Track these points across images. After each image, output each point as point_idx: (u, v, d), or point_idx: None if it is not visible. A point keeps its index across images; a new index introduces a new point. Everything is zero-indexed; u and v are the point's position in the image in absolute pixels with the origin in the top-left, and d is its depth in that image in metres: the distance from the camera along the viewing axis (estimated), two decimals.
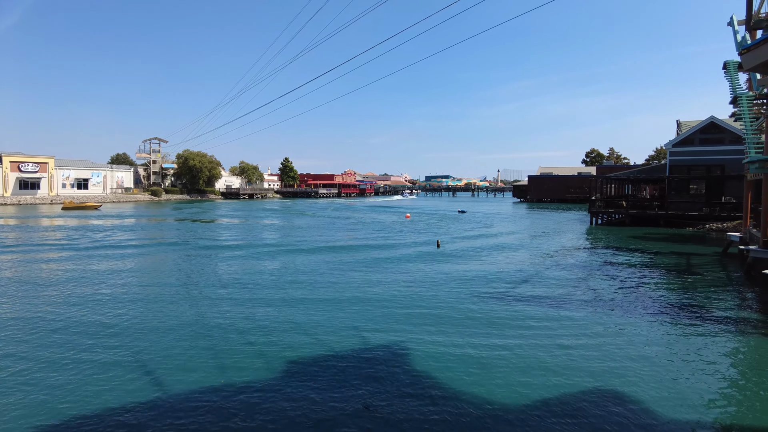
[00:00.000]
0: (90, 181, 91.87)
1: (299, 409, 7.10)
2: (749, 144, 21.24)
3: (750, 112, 21.64)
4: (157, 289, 15.29)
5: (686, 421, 6.77)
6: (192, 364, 8.88)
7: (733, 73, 22.79)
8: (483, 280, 16.92)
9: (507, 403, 7.27)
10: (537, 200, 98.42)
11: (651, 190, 61.64)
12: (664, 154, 67.51)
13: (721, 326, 11.44)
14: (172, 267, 19.61)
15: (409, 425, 6.63)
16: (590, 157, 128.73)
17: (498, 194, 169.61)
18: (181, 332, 10.77)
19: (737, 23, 20.45)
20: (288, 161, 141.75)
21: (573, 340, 10.27)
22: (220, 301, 13.75)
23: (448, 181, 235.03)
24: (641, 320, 11.86)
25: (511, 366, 8.76)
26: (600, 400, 7.39)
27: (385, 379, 8.19)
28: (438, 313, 12.44)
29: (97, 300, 13.75)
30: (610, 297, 14.40)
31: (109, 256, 22.19)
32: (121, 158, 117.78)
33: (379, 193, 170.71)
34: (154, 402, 7.31)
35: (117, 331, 10.80)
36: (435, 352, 9.52)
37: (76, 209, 62.23)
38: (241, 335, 10.56)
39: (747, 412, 7.18)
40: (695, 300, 14.25)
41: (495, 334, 10.68)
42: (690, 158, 42.38)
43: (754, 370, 8.99)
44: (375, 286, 15.74)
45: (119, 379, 8.13)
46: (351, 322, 11.65)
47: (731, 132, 40.10)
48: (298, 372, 8.49)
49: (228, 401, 7.33)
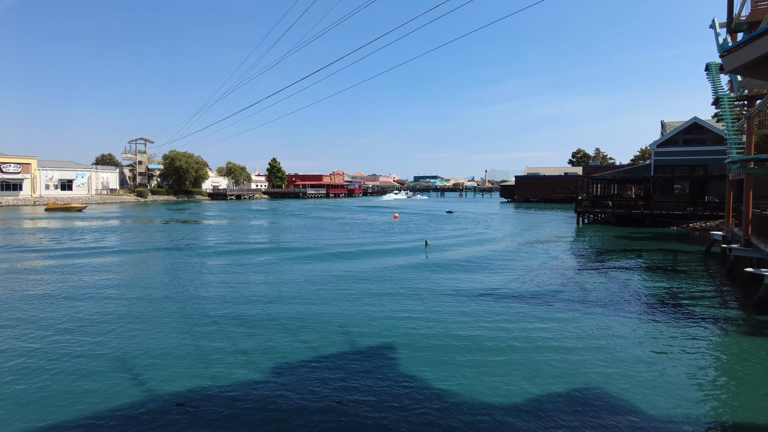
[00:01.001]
0: (74, 182, 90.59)
1: (282, 410, 7.07)
2: (731, 144, 21.62)
3: (731, 113, 22.03)
4: (138, 292, 15.12)
5: (669, 416, 6.87)
6: (176, 365, 8.79)
7: (715, 74, 23.19)
8: (470, 279, 16.99)
9: (494, 401, 7.31)
10: (524, 200, 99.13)
11: (636, 189, 62.40)
12: (649, 155, 68.43)
13: (704, 324, 11.62)
14: (153, 270, 19.40)
15: (387, 422, 6.64)
16: (577, 157, 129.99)
17: (486, 194, 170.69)
18: (163, 334, 10.66)
19: (719, 26, 20.82)
20: (276, 162, 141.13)
21: (559, 337, 10.35)
22: (204, 304, 13.64)
23: (436, 181, 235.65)
24: (627, 318, 12.01)
25: (498, 364, 8.81)
26: (585, 396, 7.46)
27: (367, 374, 8.19)
28: (424, 310, 12.47)
29: (77, 303, 13.56)
30: (597, 296, 14.56)
31: (91, 258, 21.90)
32: (107, 159, 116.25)
33: (368, 193, 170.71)
34: (137, 405, 7.23)
35: (99, 335, 10.65)
36: (419, 346, 9.54)
37: (60, 210, 61.38)
38: (225, 338, 10.49)
39: (728, 408, 7.31)
40: (679, 298, 14.46)
41: (482, 332, 10.72)
42: (674, 158, 43.01)
43: (736, 366, 9.15)
44: (360, 282, 15.72)
45: (102, 383, 8.02)
46: (338, 320, 11.63)
47: (713, 132, 40.79)
48: (283, 373, 8.45)
49: (211, 402, 7.27)
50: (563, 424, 6.68)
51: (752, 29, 17.92)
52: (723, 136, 33.01)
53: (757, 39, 4.98)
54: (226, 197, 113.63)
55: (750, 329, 11.39)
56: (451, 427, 6.61)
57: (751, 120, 20.73)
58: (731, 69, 5.62)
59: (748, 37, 5.13)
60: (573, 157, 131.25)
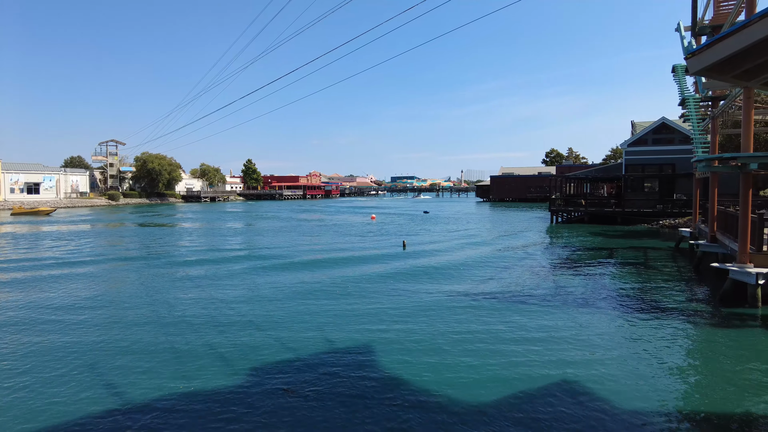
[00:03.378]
0: (42, 185, 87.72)
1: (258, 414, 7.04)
2: (697, 144, 22.33)
3: (697, 113, 22.74)
4: (106, 298, 14.82)
5: (639, 408, 7.08)
6: (150, 371, 8.65)
7: (681, 76, 23.90)
8: (446, 278, 17.14)
9: (469, 399, 7.41)
10: (499, 200, 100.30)
11: (608, 188, 63.85)
12: (620, 154, 70.07)
13: (674, 317, 12.00)
14: (120, 280, 19.02)
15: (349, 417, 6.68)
16: (550, 157, 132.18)
17: (462, 194, 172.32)
18: (137, 340, 10.48)
19: (684, 29, 21.49)
20: (251, 163, 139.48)
21: (531, 334, 10.55)
22: (177, 306, 13.45)
23: (413, 181, 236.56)
24: (599, 314, 12.31)
25: (469, 363, 8.92)
26: (556, 392, 7.62)
27: (339, 373, 8.21)
28: (399, 308, 12.54)
29: (45, 310, 13.21)
30: (569, 292, 14.87)
31: (56, 269, 21.31)
32: (76, 161, 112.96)
33: (345, 194, 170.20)
34: (112, 410, 7.10)
35: (72, 342, 10.41)
36: (396, 348, 9.61)
37: (27, 215, 59.54)
38: (199, 344, 10.37)
39: (696, 397, 7.57)
40: (650, 293, 14.89)
41: (456, 329, 10.84)
42: (644, 157, 44.16)
43: (703, 357, 9.50)
44: (342, 282, 15.71)
45: (74, 390, 7.85)
46: (313, 318, 11.60)
47: (681, 132, 42.03)
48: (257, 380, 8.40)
49: (187, 406, 7.19)
50: (534, 417, 6.82)
51: (714, 33, 18.58)
52: (689, 135, 34.07)
53: (719, 42, 5.20)
54: (200, 199, 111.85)
55: (717, 321, 11.82)
56: (423, 424, 6.69)
57: (715, 120, 21.46)
58: (696, 71, 5.84)
59: (710, 40, 5.35)
60: (547, 156, 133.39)
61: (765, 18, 4.59)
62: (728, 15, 17.91)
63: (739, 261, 13.45)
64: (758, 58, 5.22)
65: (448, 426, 6.61)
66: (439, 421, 6.76)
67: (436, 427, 6.59)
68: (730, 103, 19.64)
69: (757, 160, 13.22)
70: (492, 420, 6.77)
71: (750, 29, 4.80)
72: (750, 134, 13.16)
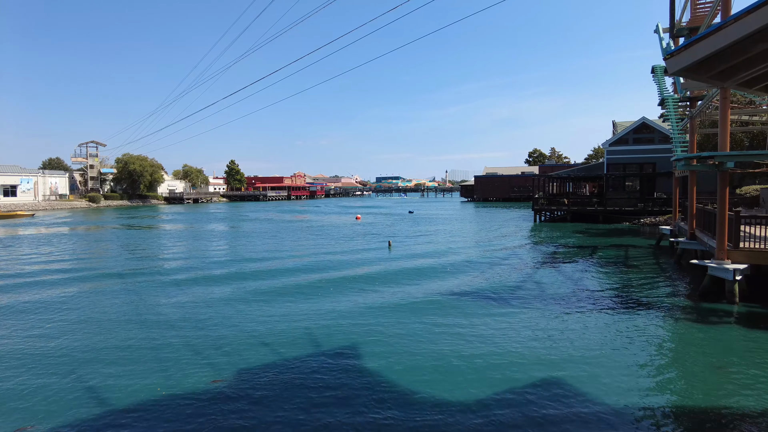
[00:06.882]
0: (19, 187, 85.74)
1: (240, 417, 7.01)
2: (676, 143, 22.78)
3: (676, 113, 23.19)
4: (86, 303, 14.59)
5: (620, 403, 7.21)
6: (130, 374, 8.55)
7: (660, 77, 24.35)
8: (430, 277, 17.22)
9: (451, 399, 7.47)
10: (483, 199, 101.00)
11: (590, 187, 64.69)
12: (601, 153, 71.11)
13: (655, 313, 12.23)
14: (98, 282, 18.74)
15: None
16: (533, 156, 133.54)
17: (446, 194, 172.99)
18: (115, 345, 10.34)
19: (662, 31, 21.89)
20: (234, 164, 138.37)
21: (517, 332, 10.66)
22: (158, 309, 13.30)
23: (398, 182, 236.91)
24: (582, 311, 12.48)
25: (454, 362, 9.00)
26: (541, 389, 7.72)
27: (326, 376, 8.22)
28: (383, 308, 12.58)
29: (20, 314, 12.96)
30: (553, 290, 15.05)
31: (33, 272, 20.92)
32: (55, 163, 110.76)
33: (330, 195, 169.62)
34: (94, 414, 7.00)
35: (53, 348, 10.23)
36: (380, 350, 9.64)
37: (4, 218, 58.25)
38: (187, 349, 10.28)
39: (675, 391, 7.74)
40: (632, 290, 15.15)
41: (439, 329, 10.91)
42: (625, 157, 44.88)
43: (683, 352, 9.70)
44: (326, 284, 15.69)
45: (57, 395, 7.72)
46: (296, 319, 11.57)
47: (660, 132, 42.82)
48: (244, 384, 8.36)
49: (168, 410, 7.13)
50: (516, 416, 6.90)
51: (692, 34, 18.99)
52: (669, 135, 34.73)
53: (696, 44, 5.32)
54: (183, 201, 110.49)
55: (696, 316, 12.07)
56: (404, 422, 6.73)
57: (694, 120, 21.91)
58: (674, 71, 5.97)
59: (687, 41, 5.47)
60: (530, 156, 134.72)
61: (739, 20, 4.72)
62: (705, 17, 18.33)
63: (717, 257, 13.76)
64: (733, 59, 5.36)
65: (430, 425, 6.65)
66: (420, 420, 6.80)
67: (417, 426, 6.63)
68: (708, 103, 20.07)
69: (734, 158, 13.56)
70: (474, 419, 6.83)
71: (725, 31, 4.93)
72: (727, 133, 13.47)
